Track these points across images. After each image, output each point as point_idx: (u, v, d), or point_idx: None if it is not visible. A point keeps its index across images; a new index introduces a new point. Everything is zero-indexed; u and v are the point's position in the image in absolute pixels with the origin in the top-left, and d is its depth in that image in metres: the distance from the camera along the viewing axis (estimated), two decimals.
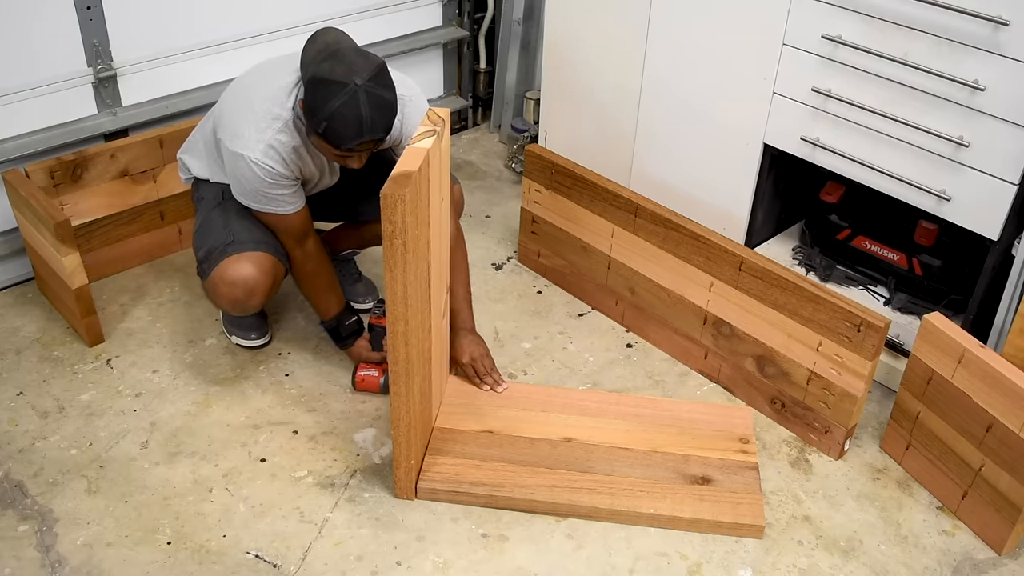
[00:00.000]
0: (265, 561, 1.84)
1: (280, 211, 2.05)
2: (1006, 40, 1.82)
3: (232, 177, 2.04)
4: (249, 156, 1.95)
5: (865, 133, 2.11)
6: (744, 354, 2.23)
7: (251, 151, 1.95)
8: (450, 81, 3.39)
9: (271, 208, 2.04)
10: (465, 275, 2.23)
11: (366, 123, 1.82)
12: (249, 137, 1.95)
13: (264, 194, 2.01)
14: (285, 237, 2.11)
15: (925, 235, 2.29)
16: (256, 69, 2.10)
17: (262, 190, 2.00)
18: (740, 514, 1.93)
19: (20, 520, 1.90)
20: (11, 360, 2.29)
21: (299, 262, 2.16)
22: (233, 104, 2.04)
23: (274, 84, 1.98)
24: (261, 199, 2.03)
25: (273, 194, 2.02)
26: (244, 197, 2.05)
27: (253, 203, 2.05)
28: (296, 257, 2.15)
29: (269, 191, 2.01)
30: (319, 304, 2.23)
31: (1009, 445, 1.83)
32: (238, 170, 1.99)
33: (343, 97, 1.79)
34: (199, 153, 2.21)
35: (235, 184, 2.05)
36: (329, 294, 2.21)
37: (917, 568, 1.89)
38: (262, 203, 2.04)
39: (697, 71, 2.37)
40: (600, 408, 2.18)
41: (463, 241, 2.22)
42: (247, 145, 1.95)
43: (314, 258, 2.16)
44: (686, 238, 2.23)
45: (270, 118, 1.95)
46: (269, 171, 1.97)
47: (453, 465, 2.01)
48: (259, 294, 2.08)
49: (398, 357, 1.74)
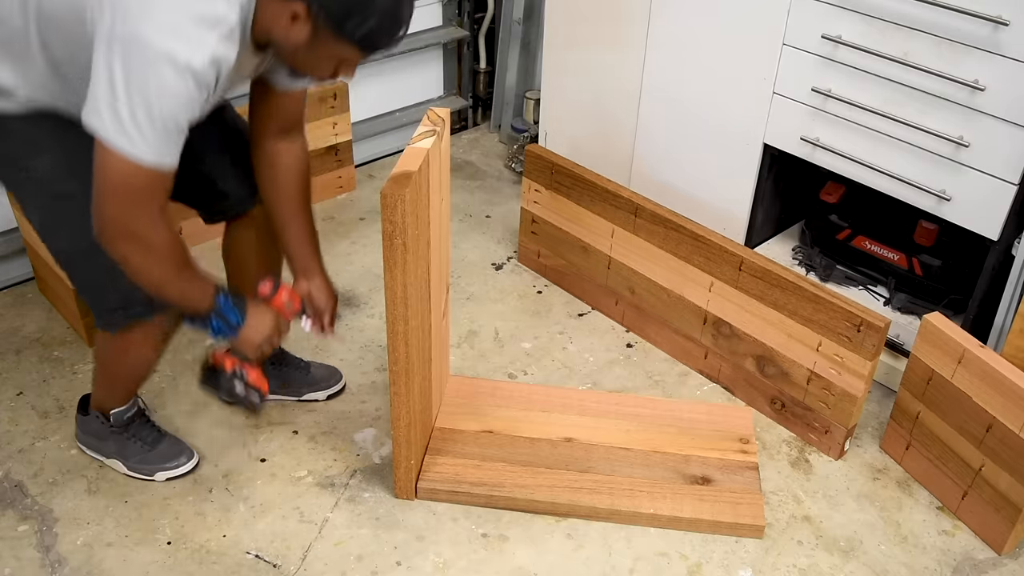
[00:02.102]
0: (265, 561, 1.84)
1: (166, 162, 1.42)
2: (1006, 40, 1.82)
3: (124, 90, 1.34)
4: (188, 61, 1.35)
5: (865, 133, 2.11)
6: (744, 354, 2.23)
7: (192, 55, 1.35)
8: (450, 81, 3.39)
9: (163, 154, 1.40)
10: (311, 208, 1.83)
11: (409, 12, 1.48)
12: (183, 32, 1.35)
13: (176, 127, 1.40)
14: (151, 206, 1.45)
15: (925, 235, 2.29)
16: None
17: (179, 120, 1.40)
18: (740, 514, 1.93)
19: (20, 520, 1.90)
20: (11, 360, 2.29)
21: (169, 246, 1.51)
22: None
23: None
24: (165, 136, 1.39)
25: (182, 131, 1.42)
26: (132, 128, 1.36)
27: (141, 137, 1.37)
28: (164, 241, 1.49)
29: (184, 124, 1.41)
30: (196, 291, 1.62)
31: (1009, 445, 1.83)
32: (153, 80, 1.34)
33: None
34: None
35: (122, 102, 1.35)
36: (196, 284, 1.62)
37: (917, 568, 1.89)
38: (160, 143, 1.39)
39: (697, 71, 2.37)
40: (600, 408, 2.18)
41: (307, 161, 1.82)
42: (184, 44, 1.35)
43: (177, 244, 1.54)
44: (686, 238, 2.23)
45: (211, 18, 1.38)
46: (203, 90, 1.40)
47: (453, 465, 2.01)
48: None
49: (398, 357, 1.74)
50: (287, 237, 1.83)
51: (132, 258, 1.49)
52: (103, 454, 2.00)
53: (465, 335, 2.47)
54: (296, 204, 1.81)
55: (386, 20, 1.44)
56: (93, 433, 1.99)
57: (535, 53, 3.26)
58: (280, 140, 1.78)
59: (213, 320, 1.64)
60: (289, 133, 1.78)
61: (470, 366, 2.37)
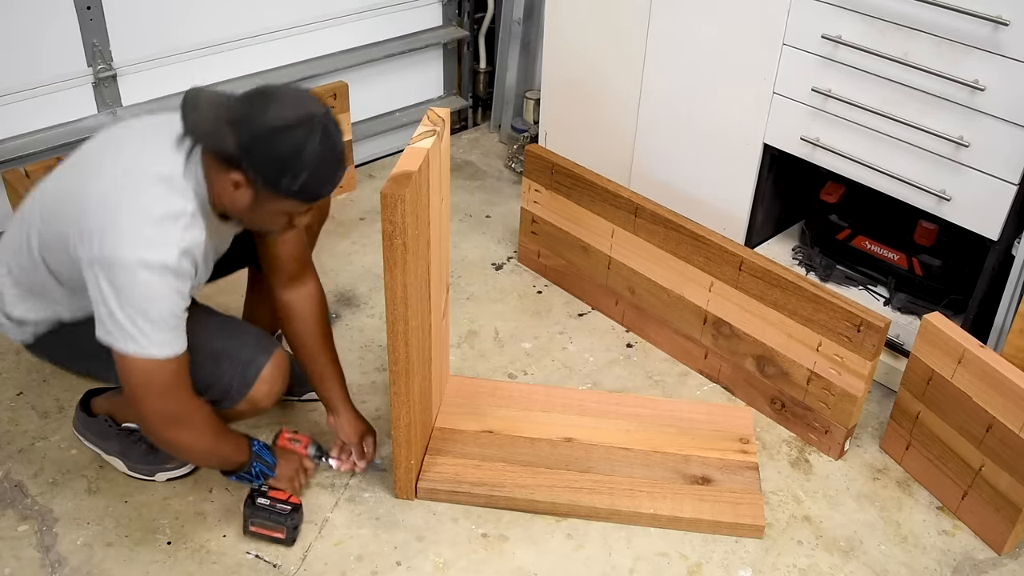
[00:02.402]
0: (265, 561, 1.84)
1: (178, 349, 1.57)
2: (1006, 40, 1.82)
3: (118, 306, 1.50)
4: (162, 261, 1.49)
5: (865, 133, 2.11)
6: (744, 354, 2.23)
7: (163, 255, 1.50)
8: (450, 81, 3.39)
9: (172, 344, 1.55)
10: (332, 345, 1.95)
11: (344, 154, 1.55)
12: (148, 238, 1.50)
13: (173, 319, 1.55)
14: (181, 389, 1.60)
15: (925, 235, 2.29)
16: (98, 162, 1.60)
17: (174, 312, 1.54)
18: (740, 514, 1.93)
19: (20, 520, 1.90)
20: (11, 360, 2.29)
21: (206, 418, 1.67)
22: (94, 211, 1.52)
23: (153, 170, 1.54)
24: (167, 330, 1.54)
25: (180, 318, 1.56)
26: (138, 333, 1.51)
27: (148, 339, 1.52)
28: (202, 415, 1.66)
29: (180, 313, 1.56)
30: (233, 446, 1.78)
31: (1009, 445, 1.83)
32: (137, 289, 1.49)
33: (316, 135, 1.48)
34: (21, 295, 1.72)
35: (121, 316, 1.50)
36: (232, 441, 1.78)
37: (917, 568, 1.89)
38: (164, 336, 1.53)
39: (697, 71, 2.37)
40: (600, 408, 2.18)
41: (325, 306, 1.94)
42: (152, 249, 1.49)
43: (210, 412, 1.69)
44: (686, 238, 2.23)
45: (170, 215, 1.52)
46: (186, 279, 1.55)
47: (453, 465, 2.01)
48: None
49: (398, 357, 1.74)
50: (311, 375, 1.96)
51: (180, 440, 1.67)
52: (104, 451, 2.00)
53: (465, 335, 2.47)
54: (317, 346, 1.92)
55: (319, 169, 1.51)
56: (97, 433, 2.00)
57: (535, 53, 3.26)
58: (291, 290, 1.89)
59: (254, 465, 1.81)
60: (298, 278, 1.89)
61: (470, 366, 2.37)
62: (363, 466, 1.99)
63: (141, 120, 1.70)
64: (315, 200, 1.57)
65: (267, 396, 1.78)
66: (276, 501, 1.83)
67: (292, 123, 1.47)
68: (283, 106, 1.48)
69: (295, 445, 1.95)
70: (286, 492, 1.86)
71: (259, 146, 1.48)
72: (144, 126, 1.67)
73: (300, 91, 1.54)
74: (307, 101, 1.51)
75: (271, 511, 1.82)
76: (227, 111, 1.51)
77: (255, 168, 1.50)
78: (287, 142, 1.47)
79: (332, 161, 1.53)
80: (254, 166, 1.50)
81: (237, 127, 1.48)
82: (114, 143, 1.64)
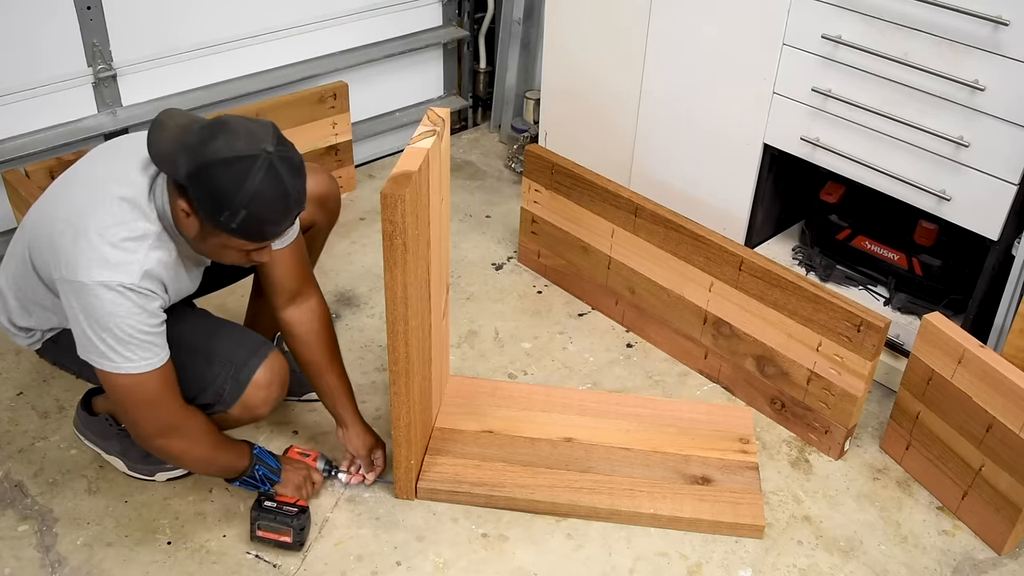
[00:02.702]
0: (265, 561, 1.84)
1: (155, 363, 1.57)
2: (1006, 40, 1.82)
3: (88, 326, 1.53)
4: (120, 282, 1.51)
5: (865, 133, 2.11)
6: (744, 354, 2.23)
7: (122, 277, 1.51)
8: (450, 81, 3.39)
9: (147, 358, 1.56)
10: (339, 359, 1.93)
11: (292, 195, 1.50)
12: (109, 260, 1.52)
13: (143, 335, 1.55)
14: (169, 398, 1.61)
15: (925, 235, 2.29)
16: (73, 183, 1.64)
17: (142, 328, 1.54)
18: (740, 514, 1.93)
19: (20, 520, 1.90)
20: (11, 360, 2.29)
21: (200, 426, 1.68)
22: (61, 233, 1.55)
23: (116, 192, 1.55)
24: (138, 345, 1.55)
25: (152, 333, 1.57)
26: (109, 351, 1.54)
27: (121, 356, 1.54)
28: (195, 423, 1.67)
29: (150, 329, 1.56)
30: (234, 453, 1.78)
31: (1009, 445, 1.83)
32: (99, 309, 1.51)
33: (259, 172, 1.45)
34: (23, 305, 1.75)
35: (92, 336, 1.53)
36: (231, 447, 1.78)
37: (917, 568, 1.89)
38: (137, 353, 1.55)
39: (697, 71, 2.37)
40: (600, 408, 2.18)
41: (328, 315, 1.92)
42: (111, 271, 1.51)
43: (203, 419, 1.70)
44: (686, 238, 2.23)
45: (134, 237, 1.54)
46: (151, 299, 1.56)
47: (453, 465, 2.01)
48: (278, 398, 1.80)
49: (398, 357, 1.74)
50: (318, 390, 1.94)
51: (172, 447, 1.66)
52: (104, 451, 2.00)
53: (465, 335, 2.47)
54: (323, 362, 1.90)
55: (259, 208, 1.48)
56: (97, 432, 1.99)
57: (535, 53, 3.26)
58: (293, 308, 1.86)
59: (257, 469, 1.80)
60: (299, 296, 1.86)
61: (470, 366, 2.37)
62: (372, 479, 1.99)
63: (122, 140, 1.72)
64: (260, 239, 1.54)
65: (264, 402, 1.75)
66: (283, 503, 1.83)
67: (236, 157, 1.44)
68: (233, 139, 1.46)
69: (304, 459, 1.96)
70: (292, 498, 1.85)
71: (202, 177, 1.46)
72: (119, 146, 1.69)
73: (258, 126, 1.50)
74: (260, 137, 1.47)
75: (277, 512, 1.81)
76: (185, 136, 1.50)
77: (197, 199, 1.49)
78: (227, 176, 1.45)
79: (274, 201, 1.48)
80: (197, 197, 1.49)
81: (187, 154, 1.47)
82: (89, 164, 1.67)
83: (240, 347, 1.74)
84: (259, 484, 1.82)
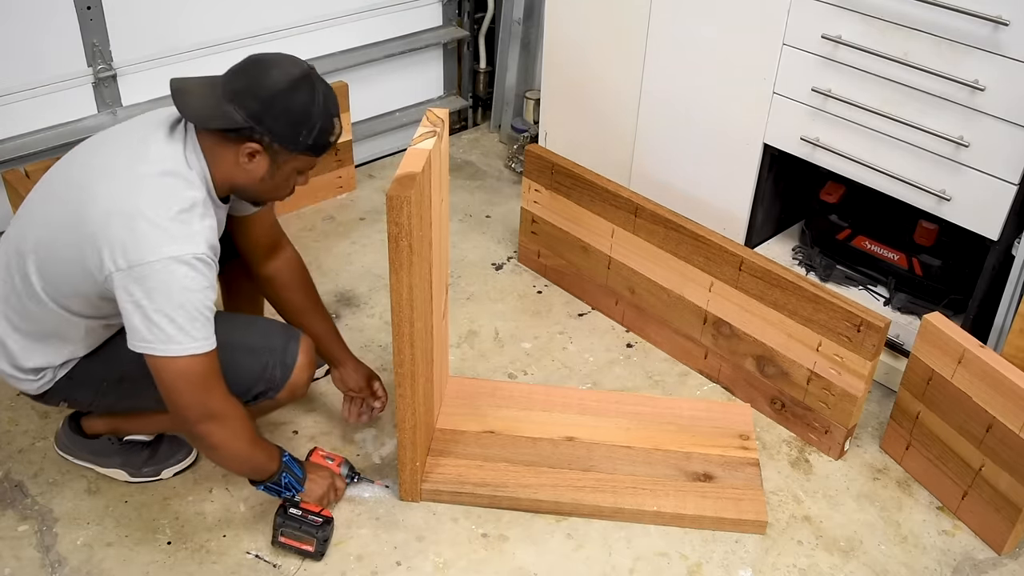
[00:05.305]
0: (265, 561, 1.84)
1: (212, 342, 1.56)
2: (1006, 40, 1.82)
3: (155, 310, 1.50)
4: (192, 253, 1.51)
5: (865, 133, 2.11)
6: (744, 354, 2.23)
7: (192, 248, 1.51)
8: (450, 81, 3.39)
9: (206, 339, 1.55)
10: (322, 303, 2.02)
11: (337, 104, 1.64)
12: (173, 234, 1.51)
13: (209, 311, 1.55)
14: (218, 384, 1.60)
15: (925, 235, 2.30)
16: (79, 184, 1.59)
17: (208, 304, 1.55)
18: (743, 510, 1.94)
19: (20, 520, 1.90)
20: None
21: (242, 418, 1.66)
22: (105, 226, 1.51)
23: (148, 170, 1.54)
24: (204, 322, 1.54)
25: (212, 310, 1.56)
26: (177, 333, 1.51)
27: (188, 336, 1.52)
28: (238, 413, 1.65)
29: (211, 304, 1.56)
30: (266, 454, 1.75)
31: (1009, 445, 1.84)
32: (173, 285, 1.50)
33: (319, 84, 1.58)
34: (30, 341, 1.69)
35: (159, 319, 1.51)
36: (265, 448, 1.76)
37: (917, 568, 1.89)
38: (202, 331, 1.54)
39: (697, 71, 2.37)
40: (601, 407, 2.18)
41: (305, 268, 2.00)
42: (179, 244, 1.51)
43: (245, 414, 1.68)
44: (686, 238, 2.23)
45: (187, 206, 1.54)
46: (212, 269, 1.56)
47: (456, 466, 2.01)
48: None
49: (403, 359, 1.74)
50: (309, 336, 1.93)
51: (215, 436, 1.63)
52: (101, 466, 1.98)
53: (465, 335, 2.47)
54: (308, 308, 1.98)
55: (325, 120, 1.60)
56: (95, 451, 1.97)
57: (535, 53, 3.26)
58: (271, 261, 1.94)
59: (283, 476, 1.78)
60: (275, 250, 1.94)
61: (470, 366, 2.37)
62: (380, 407, 2.04)
63: (104, 134, 1.68)
64: (324, 152, 1.64)
65: (306, 382, 1.85)
66: (308, 512, 1.82)
67: (296, 80, 1.55)
68: (281, 68, 1.56)
69: (328, 463, 1.95)
70: (317, 506, 1.85)
71: (275, 107, 1.54)
72: (119, 137, 1.65)
73: (286, 55, 1.62)
74: (297, 61, 1.60)
75: (303, 521, 1.81)
76: (223, 88, 1.56)
77: (271, 132, 1.56)
78: (297, 100, 1.55)
79: (334, 110, 1.62)
80: (270, 130, 1.55)
81: (245, 97, 1.54)
82: (89, 166, 1.61)
83: (272, 335, 1.82)
84: (282, 491, 1.80)
